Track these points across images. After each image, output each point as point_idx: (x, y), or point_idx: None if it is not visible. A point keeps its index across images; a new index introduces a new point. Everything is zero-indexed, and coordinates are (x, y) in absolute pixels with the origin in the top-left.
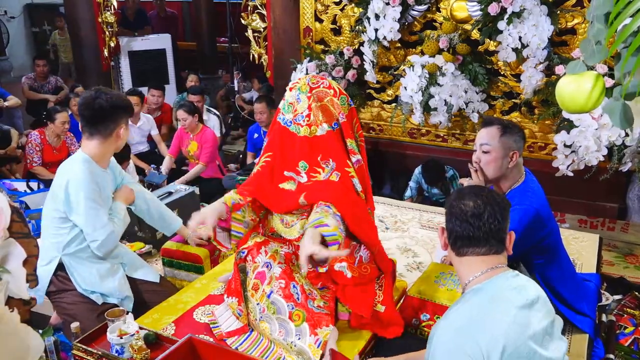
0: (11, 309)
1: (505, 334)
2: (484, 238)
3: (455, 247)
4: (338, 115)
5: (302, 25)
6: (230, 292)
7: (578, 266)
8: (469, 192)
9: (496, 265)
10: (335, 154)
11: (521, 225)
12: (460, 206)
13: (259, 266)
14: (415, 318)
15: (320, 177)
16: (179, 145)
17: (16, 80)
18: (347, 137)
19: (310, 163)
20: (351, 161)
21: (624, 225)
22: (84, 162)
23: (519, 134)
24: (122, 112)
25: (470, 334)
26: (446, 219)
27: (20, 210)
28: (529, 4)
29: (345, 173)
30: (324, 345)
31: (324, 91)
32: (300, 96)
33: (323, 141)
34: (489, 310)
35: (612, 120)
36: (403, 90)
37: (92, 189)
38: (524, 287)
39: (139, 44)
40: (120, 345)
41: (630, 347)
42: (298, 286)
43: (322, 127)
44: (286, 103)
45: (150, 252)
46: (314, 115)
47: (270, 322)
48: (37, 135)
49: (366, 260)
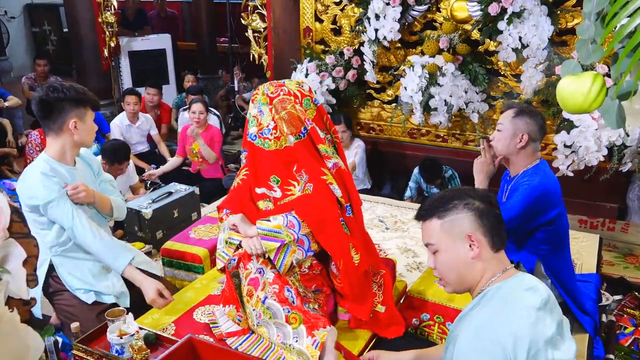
0: (11, 309)
1: (529, 334)
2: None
3: (494, 243)
4: (304, 121)
5: (302, 25)
6: (227, 300)
7: (578, 266)
8: (461, 193)
9: (507, 266)
10: (307, 164)
11: (529, 199)
12: (474, 203)
13: (251, 272)
14: (415, 318)
15: (295, 190)
16: (185, 142)
17: (16, 80)
18: (318, 143)
19: (282, 177)
20: (327, 167)
21: (624, 225)
22: (39, 162)
23: (534, 119)
24: (68, 104)
25: (496, 335)
26: (473, 225)
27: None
28: (529, 4)
29: (321, 182)
30: (321, 346)
31: (284, 99)
32: (262, 108)
33: (293, 153)
34: (510, 311)
35: (606, 120)
36: (403, 91)
37: (36, 188)
38: (537, 288)
39: (139, 44)
40: (120, 346)
41: (630, 347)
42: (292, 289)
43: (289, 139)
44: (250, 116)
45: (150, 252)
46: (278, 128)
47: (268, 327)
48: (36, 135)
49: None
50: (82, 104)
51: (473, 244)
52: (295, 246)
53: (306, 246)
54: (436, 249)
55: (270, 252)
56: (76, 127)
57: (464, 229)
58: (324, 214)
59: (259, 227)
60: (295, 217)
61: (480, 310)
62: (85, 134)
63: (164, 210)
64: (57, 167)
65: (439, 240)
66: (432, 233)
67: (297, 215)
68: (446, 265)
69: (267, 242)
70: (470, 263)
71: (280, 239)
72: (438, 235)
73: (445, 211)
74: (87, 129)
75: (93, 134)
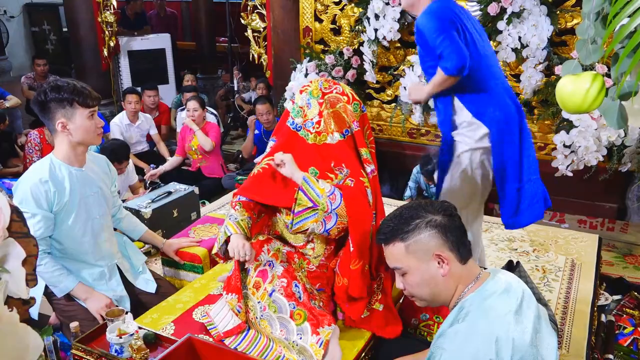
0: (10, 308)
1: (511, 339)
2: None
3: (461, 256)
4: (351, 123)
5: (302, 25)
6: (230, 288)
7: (578, 266)
8: (419, 211)
9: (479, 274)
10: (348, 161)
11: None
12: (436, 219)
13: (261, 264)
14: (414, 318)
15: (334, 182)
16: (184, 142)
17: (15, 80)
18: (360, 147)
19: (321, 169)
20: (365, 171)
21: (624, 225)
22: (43, 164)
23: None
24: (54, 105)
25: (480, 346)
26: (439, 242)
27: (19, 210)
28: (529, 4)
29: (360, 183)
30: (325, 344)
31: (337, 97)
32: (310, 101)
33: (333, 150)
34: (489, 321)
35: (607, 120)
36: (403, 90)
37: (25, 191)
38: (510, 287)
39: (138, 44)
40: (120, 345)
41: (629, 347)
42: (300, 285)
43: (333, 136)
44: (296, 106)
45: (149, 251)
46: (325, 123)
47: (271, 321)
48: (36, 135)
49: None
50: (68, 103)
51: (442, 261)
52: (322, 217)
53: (330, 224)
54: (404, 272)
55: (298, 206)
56: (66, 128)
57: (430, 247)
58: (364, 209)
59: (305, 179)
60: (340, 194)
61: (460, 325)
62: (80, 134)
63: (163, 210)
64: (61, 168)
65: (407, 263)
66: (397, 257)
67: (341, 193)
68: (417, 285)
69: (302, 195)
70: (442, 280)
71: (316, 202)
72: (404, 258)
73: (407, 233)
74: (80, 128)
75: (91, 133)
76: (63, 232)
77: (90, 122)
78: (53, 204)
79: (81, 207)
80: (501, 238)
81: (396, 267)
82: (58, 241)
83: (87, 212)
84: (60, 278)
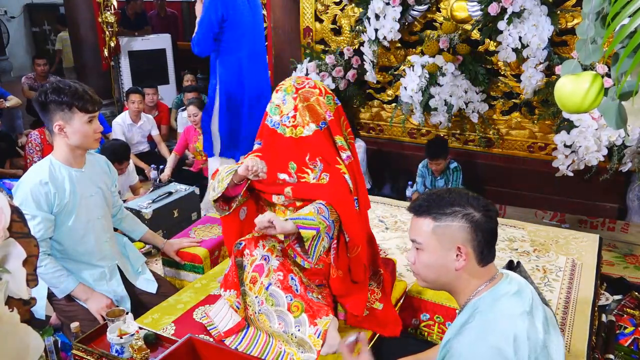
0: (11, 309)
1: (527, 338)
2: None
3: (482, 258)
4: (325, 113)
5: (302, 25)
6: (228, 285)
7: (578, 266)
8: (463, 201)
9: (494, 275)
10: (324, 152)
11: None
12: (474, 215)
13: (257, 259)
14: (415, 318)
15: (309, 177)
16: (187, 141)
17: (16, 80)
18: (335, 135)
19: (298, 163)
20: (341, 157)
21: (624, 225)
22: (43, 165)
23: None
24: (56, 106)
25: (497, 343)
26: (467, 237)
27: (20, 210)
28: (529, 4)
29: (336, 170)
30: (324, 335)
31: (310, 91)
32: (286, 97)
33: (310, 141)
34: (505, 318)
35: (607, 120)
36: (403, 90)
37: (26, 192)
38: (522, 289)
39: (139, 44)
40: (120, 345)
41: (630, 347)
42: (296, 278)
43: (309, 127)
44: (273, 105)
45: (150, 252)
46: (300, 116)
47: (269, 315)
48: (37, 135)
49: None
50: (67, 106)
51: (460, 255)
52: (324, 233)
53: (332, 233)
54: (421, 248)
55: (307, 241)
56: (63, 131)
57: (455, 238)
58: (347, 200)
59: (292, 219)
60: (322, 204)
61: (475, 323)
62: (77, 138)
63: (164, 210)
64: (60, 170)
65: (427, 242)
66: (421, 232)
67: (323, 202)
68: (426, 266)
69: (304, 232)
70: (453, 272)
71: (315, 227)
72: (427, 236)
73: (442, 215)
74: (77, 132)
75: (89, 138)
76: (63, 233)
77: (88, 127)
78: (53, 205)
79: (81, 208)
80: (501, 238)
81: (416, 240)
82: (58, 242)
83: (87, 213)
84: (61, 279)
